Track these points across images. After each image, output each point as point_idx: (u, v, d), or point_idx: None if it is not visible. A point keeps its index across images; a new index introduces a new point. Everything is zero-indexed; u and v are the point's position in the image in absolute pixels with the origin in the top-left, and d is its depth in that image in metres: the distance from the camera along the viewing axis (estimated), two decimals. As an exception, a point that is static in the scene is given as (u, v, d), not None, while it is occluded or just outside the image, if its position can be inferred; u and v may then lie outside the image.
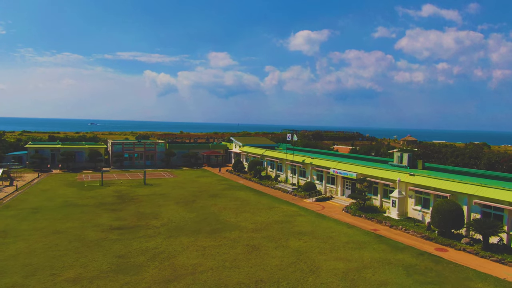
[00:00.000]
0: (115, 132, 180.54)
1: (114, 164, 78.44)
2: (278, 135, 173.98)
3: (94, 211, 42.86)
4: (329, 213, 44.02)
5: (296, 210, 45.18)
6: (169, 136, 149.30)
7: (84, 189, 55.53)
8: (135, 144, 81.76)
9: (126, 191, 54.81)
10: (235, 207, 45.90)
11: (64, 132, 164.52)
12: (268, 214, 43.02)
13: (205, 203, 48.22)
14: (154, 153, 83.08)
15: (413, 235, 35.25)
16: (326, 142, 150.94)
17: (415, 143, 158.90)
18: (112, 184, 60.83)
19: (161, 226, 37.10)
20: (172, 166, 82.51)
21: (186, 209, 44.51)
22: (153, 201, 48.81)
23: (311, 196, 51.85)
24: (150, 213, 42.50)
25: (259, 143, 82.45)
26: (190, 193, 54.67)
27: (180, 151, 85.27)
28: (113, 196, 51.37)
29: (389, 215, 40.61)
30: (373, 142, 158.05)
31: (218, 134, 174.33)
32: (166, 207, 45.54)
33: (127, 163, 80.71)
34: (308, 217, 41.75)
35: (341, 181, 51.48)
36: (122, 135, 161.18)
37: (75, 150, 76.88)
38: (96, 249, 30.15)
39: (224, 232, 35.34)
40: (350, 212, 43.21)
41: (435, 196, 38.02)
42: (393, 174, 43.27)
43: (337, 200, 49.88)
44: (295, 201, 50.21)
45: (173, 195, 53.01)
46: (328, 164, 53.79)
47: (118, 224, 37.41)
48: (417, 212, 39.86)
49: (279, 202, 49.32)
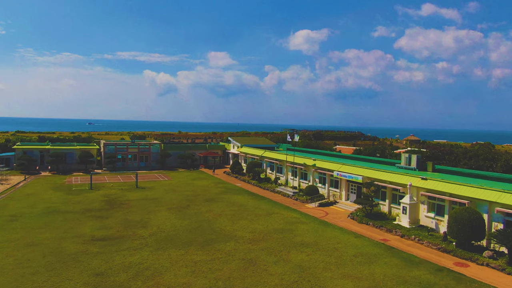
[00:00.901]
0: (111, 132, 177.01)
1: (107, 166, 75.00)
2: (278, 135, 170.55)
3: (78, 218, 39.42)
4: (333, 220, 40.60)
5: (297, 216, 41.76)
6: (166, 136, 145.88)
7: (71, 193, 52.10)
8: (128, 144, 78.30)
9: (115, 195, 51.36)
10: (231, 214, 42.47)
11: (59, 132, 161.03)
12: (267, 221, 39.60)
13: (200, 208, 44.80)
14: (149, 154, 79.65)
15: (428, 246, 31.81)
16: (327, 142, 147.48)
17: (419, 142, 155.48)
18: (102, 187, 57.37)
19: (149, 237, 33.66)
20: (167, 168, 79.07)
21: (179, 216, 41.08)
22: (144, 206, 45.38)
23: (314, 200, 48.43)
24: (138, 220, 39.06)
25: (258, 144, 79.01)
26: (184, 197, 51.24)
27: (176, 152, 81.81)
28: (101, 201, 47.93)
29: (399, 223, 37.17)
30: (375, 142, 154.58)
31: (217, 134, 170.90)
32: (157, 213, 42.11)
33: (120, 165, 77.28)
34: (310, 225, 38.33)
35: (345, 184, 48.04)
36: (119, 135, 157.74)
37: (65, 151, 73.44)
38: (73, 265, 26.71)
39: (218, 244, 31.91)
40: (356, 219, 39.77)
41: (451, 203, 34.59)
42: (403, 178, 39.83)
43: (342, 205, 46.45)
44: (296, 206, 46.79)
45: (166, 199, 49.58)
46: (331, 166, 50.36)
47: (102, 234, 33.97)
48: (430, 220, 36.43)
49: (279, 208, 45.91)
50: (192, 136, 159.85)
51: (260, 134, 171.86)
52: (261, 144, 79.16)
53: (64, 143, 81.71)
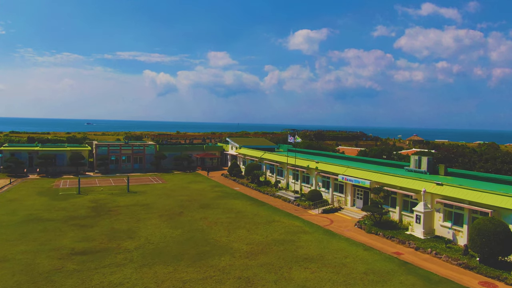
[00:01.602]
0: (108, 132, 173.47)
1: (99, 168, 71.54)
2: (278, 135, 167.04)
3: (60, 228, 35.95)
4: (339, 229, 37.13)
5: (299, 225, 38.30)
6: (164, 137, 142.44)
7: (57, 199, 48.63)
8: (122, 146, 74.80)
9: (104, 201, 47.89)
10: (228, 222, 39.02)
11: (54, 133, 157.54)
12: (267, 230, 36.15)
13: (194, 216, 41.35)
14: (143, 155, 76.17)
15: (447, 261, 28.34)
16: (329, 142, 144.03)
17: (422, 143, 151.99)
18: (91, 191, 53.90)
19: (135, 250, 30.20)
20: (162, 170, 75.60)
21: (170, 225, 37.62)
22: (133, 213, 41.92)
23: (317, 206, 44.98)
24: (125, 230, 35.60)
25: (258, 145, 75.56)
26: (178, 203, 47.78)
27: (172, 153, 78.33)
28: (88, 207, 44.46)
29: (412, 233, 33.70)
30: (378, 142, 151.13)
31: (216, 134, 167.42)
32: (147, 221, 38.65)
33: (113, 167, 73.81)
34: (314, 235, 34.87)
35: (351, 189, 44.58)
36: (115, 135, 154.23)
37: (55, 152, 69.96)
38: (44, 286, 23.26)
39: (211, 258, 28.46)
40: (364, 229, 36.30)
41: (470, 212, 31.14)
42: (415, 183, 36.34)
43: (347, 211, 42.99)
44: (298, 213, 43.35)
45: (158, 205, 46.12)
46: (335, 169, 46.89)
47: (83, 247, 30.51)
48: (446, 230, 32.97)
49: (280, 214, 42.45)
50: (190, 137, 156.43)
51: (259, 135, 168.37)
52: (261, 145, 75.72)
53: (55, 144, 78.22)
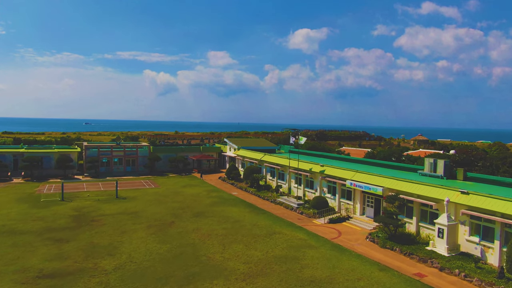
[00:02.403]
0: (104, 133, 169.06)
1: (88, 171, 67.27)
2: (279, 135, 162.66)
3: (32, 242, 31.69)
4: (348, 242, 32.83)
5: (304, 237, 34.01)
6: (161, 137, 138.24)
7: (36, 206, 44.37)
8: (113, 147, 70.52)
9: (88, 209, 43.62)
10: (223, 234, 34.74)
11: (49, 133, 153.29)
12: (267, 244, 31.88)
13: (186, 226, 37.07)
14: (136, 157, 71.89)
15: (479, 286, 24.03)
16: (331, 142, 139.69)
17: (427, 142, 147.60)
18: (76, 198, 49.64)
19: (113, 271, 25.94)
20: (156, 173, 71.30)
21: (158, 238, 33.35)
22: (118, 224, 37.64)
23: (322, 215, 40.70)
24: (106, 245, 31.34)
25: (258, 146, 71.27)
26: (170, 210, 43.51)
27: (167, 155, 74.03)
28: (69, 216, 40.18)
29: (434, 249, 29.40)
30: (382, 142, 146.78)
31: (215, 134, 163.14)
32: (132, 234, 34.37)
33: (104, 170, 69.54)
34: (321, 251, 30.60)
35: (360, 196, 40.26)
36: (111, 135, 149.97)
37: (41, 155, 65.69)
38: (-7, 324, 19.02)
39: (202, 282, 24.20)
40: (377, 243, 32.00)
41: (503, 225, 26.85)
42: (435, 191, 32.02)
43: (356, 221, 38.68)
44: (302, 223, 39.05)
45: (147, 214, 41.85)
46: (343, 174, 42.58)
47: (53, 268, 26.25)
48: (473, 246, 28.67)
49: (282, 224, 38.17)
50: (188, 137, 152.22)
51: (260, 134, 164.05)
52: (261, 146, 71.42)
53: (42, 145, 73.93)
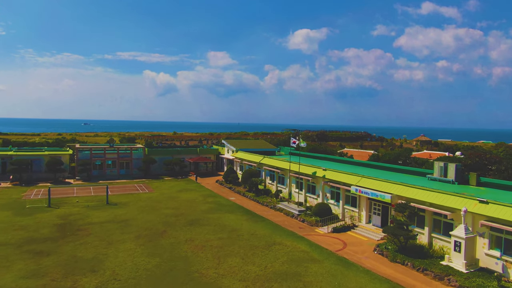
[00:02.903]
0: (101, 133, 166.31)
1: (80, 175, 64.52)
2: (279, 136, 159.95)
3: (8, 256, 28.95)
4: (355, 255, 30.10)
5: (306, 249, 31.28)
6: (159, 138, 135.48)
7: (21, 214, 41.64)
8: (106, 149, 67.75)
9: (75, 217, 40.87)
10: (218, 245, 32.01)
11: (45, 134, 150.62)
12: (266, 258, 29.17)
13: (178, 236, 34.35)
14: (130, 160, 69.13)
15: (505, 309, 21.29)
16: (332, 143, 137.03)
17: (430, 143, 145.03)
18: (64, 204, 46.90)
19: (93, 291, 23.21)
20: (151, 176, 68.55)
21: (147, 250, 30.62)
22: (106, 234, 34.90)
23: (325, 223, 37.98)
24: (90, 259, 28.60)
25: (257, 147, 68.54)
26: (162, 218, 40.77)
27: (162, 157, 71.28)
28: (54, 225, 37.43)
29: (450, 264, 26.66)
30: (384, 143, 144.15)
31: (214, 135, 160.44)
32: (120, 245, 31.65)
33: (97, 173, 66.80)
34: (325, 265, 27.87)
35: (366, 203, 37.51)
36: (108, 136, 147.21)
37: (31, 157, 62.96)
38: None
39: (192, 306, 21.47)
40: (387, 256, 29.27)
41: (528, 239, 24.13)
42: (450, 200, 29.29)
43: (362, 230, 35.93)
44: (304, 232, 36.31)
45: (138, 222, 39.11)
46: (347, 179, 39.83)
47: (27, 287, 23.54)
48: (493, 261, 25.94)
49: (282, 234, 35.44)
50: (187, 137, 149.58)
51: (259, 135, 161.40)
52: (260, 148, 68.68)
53: (32, 148, 71.14)
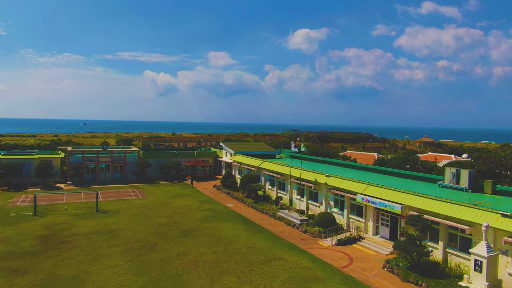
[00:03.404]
0: (98, 134, 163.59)
1: (72, 179, 61.85)
2: (279, 137, 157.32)
3: (-19, 275, 26.28)
4: (362, 273, 27.39)
5: (309, 265, 28.57)
6: (156, 140, 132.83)
7: (3, 223, 38.95)
8: (99, 152, 65.05)
9: (61, 226, 38.18)
10: (213, 260, 29.32)
11: (41, 134, 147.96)
12: (265, 276, 26.48)
13: (170, 250, 31.66)
14: (124, 164, 66.43)
15: None
16: (333, 145, 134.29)
17: (433, 144, 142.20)
18: (51, 211, 44.23)
19: (69, 320, 20.52)
20: (146, 180, 65.84)
21: (135, 267, 27.92)
22: (92, 247, 32.21)
23: (329, 234, 35.27)
24: (70, 277, 25.93)
25: (256, 150, 65.80)
26: (154, 228, 38.08)
27: (158, 161, 68.59)
28: (37, 237, 34.75)
29: (469, 286, 23.95)
30: (386, 144, 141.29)
31: (213, 136, 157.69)
32: (105, 261, 28.95)
33: (90, 177, 64.11)
34: (330, 285, 25.18)
35: (373, 213, 34.79)
36: (105, 137, 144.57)
37: (20, 161, 60.29)
38: None
39: None
40: (398, 274, 26.55)
41: (560, 259, 21.41)
42: (468, 213, 26.57)
43: (369, 243, 33.21)
44: (306, 245, 33.61)
45: (128, 233, 36.41)
46: (353, 186, 37.11)
47: (-6, 315, 20.85)
48: (519, 282, 23.23)
49: (282, 247, 32.76)
50: (185, 139, 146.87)
51: (259, 136, 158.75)
52: (259, 151, 65.96)
53: (23, 151, 68.43)
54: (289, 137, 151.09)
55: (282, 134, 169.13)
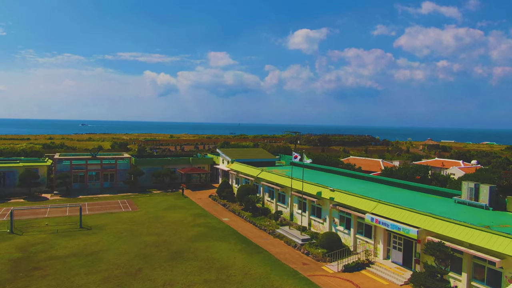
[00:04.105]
0: (95, 136, 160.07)
1: (58, 188, 58.19)
2: (279, 139, 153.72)
3: None
4: (375, 311, 23.70)
5: (312, 300, 24.90)
6: (153, 143, 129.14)
7: (-26, 243, 35.31)
8: (88, 160, 61.35)
9: (38, 247, 34.50)
10: (203, 293, 25.67)
11: (35, 137, 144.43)
12: (262, 315, 22.79)
13: (156, 279, 27.98)
14: (115, 171, 62.77)
15: None
16: (335, 148, 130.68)
17: (438, 147, 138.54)
18: (30, 228, 40.57)
19: None
20: (138, 189, 62.12)
21: (112, 303, 24.26)
22: (67, 274, 28.53)
23: (335, 258, 31.60)
24: (35, 319, 22.26)
25: (254, 157, 62.05)
26: (141, 249, 34.41)
27: (151, 168, 64.96)
28: (8, 261, 31.05)
29: (503, 332, 20.26)
30: (389, 147, 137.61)
31: (212, 139, 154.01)
32: (79, 295, 25.30)
33: (78, 186, 60.45)
34: (338, 329, 21.48)
35: (384, 234, 31.12)
36: (101, 140, 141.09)
37: (3, 170, 56.65)
38: None
39: None
40: (416, 314, 22.86)
41: None
42: (499, 242, 22.84)
43: (380, 269, 29.52)
44: (309, 270, 29.92)
45: (111, 255, 32.74)
46: (360, 204, 33.40)
47: None
48: (563, 329, 19.52)
49: (282, 273, 29.08)
50: (183, 142, 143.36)
51: (259, 139, 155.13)
52: (258, 158, 62.24)
53: (7, 158, 64.65)
54: (289, 140, 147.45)
55: (282, 136, 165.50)
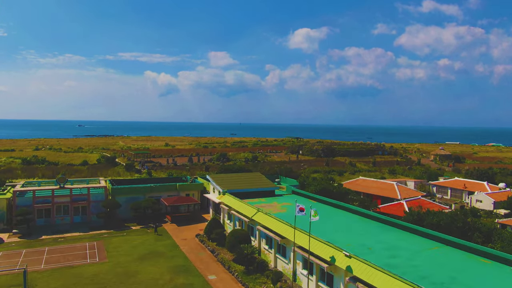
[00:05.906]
0: (84, 145, 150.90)
1: (18, 227, 49.34)
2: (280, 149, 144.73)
3: None
4: None
5: None
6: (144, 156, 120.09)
7: None
8: (54, 191, 52.42)
9: None
10: None
11: (21, 147, 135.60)
12: None
13: None
14: (87, 204, 53.85)
15: None
16: (340, 159, 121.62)
17: (450, 157, 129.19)
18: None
19: None
20: (115, 224, 52.96)
21: None
22: None
23: None
24: None
25: (250, 187, 52.76)
26: None
27: (130, 198, 56.07)
28: None
29: None
30: (398, 158, 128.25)
31: (208, 149, 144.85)
32: None
33: (43, 222, 51.58)
34: None
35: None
36: (89, 152, 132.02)
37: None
38: None
39: None
40: None
41: None
42: None
43: None
44: None
45: None
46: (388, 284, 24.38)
47: None
48: None
49: None
50: (178, 152, 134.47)
51: (259, 148, 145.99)
52: (254, 186, 53.04)
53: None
54: (291, 149, 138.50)
55: (284, 145, 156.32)
